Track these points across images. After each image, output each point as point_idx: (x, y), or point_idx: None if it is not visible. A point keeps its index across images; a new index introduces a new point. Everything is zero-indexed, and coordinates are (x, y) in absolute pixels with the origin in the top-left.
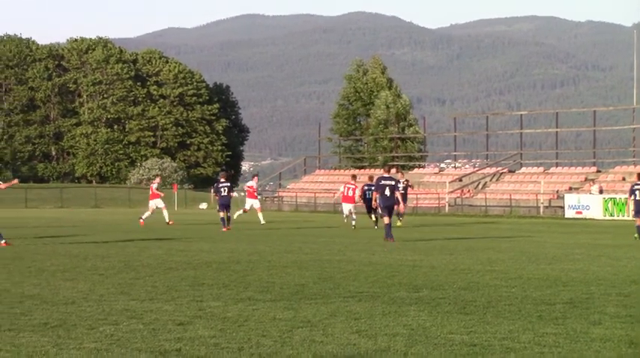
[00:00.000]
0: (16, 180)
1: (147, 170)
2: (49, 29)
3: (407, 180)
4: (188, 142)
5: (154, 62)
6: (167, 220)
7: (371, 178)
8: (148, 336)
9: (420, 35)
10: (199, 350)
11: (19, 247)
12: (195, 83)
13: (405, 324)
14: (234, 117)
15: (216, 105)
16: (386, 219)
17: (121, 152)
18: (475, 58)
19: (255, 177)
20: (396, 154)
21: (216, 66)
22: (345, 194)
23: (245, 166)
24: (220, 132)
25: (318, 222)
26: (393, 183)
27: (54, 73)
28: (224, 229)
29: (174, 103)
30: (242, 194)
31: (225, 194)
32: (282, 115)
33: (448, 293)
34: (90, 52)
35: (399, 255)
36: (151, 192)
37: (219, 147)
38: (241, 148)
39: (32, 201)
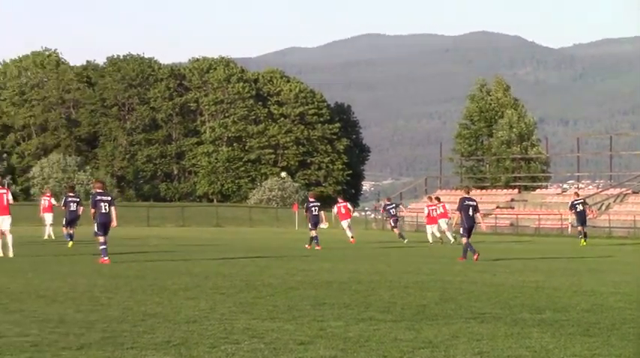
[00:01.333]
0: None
1: (267, 190)
2: (171, 49)
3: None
4: (309, 161)
5: (274, 82)
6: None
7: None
8: (269, 355)
9: (542, 55)
10: None
11: (141, 265)
12: (316, 102)
13: (528, 346)
14: (355, 136)
15: (337, 125)
16: (464, 239)
17: (242, 170)
18: (598, 77)
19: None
20: (518, 175)
21: (337, 85)
22: (431, 215)
23: (366, 186)
24: (341, 151)
25: (439, 242)
26: (475, 203)
27: (175, 93)
28: (317, 248)
29: (295, 122)
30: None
31: (316, 213)
32: (404, 135)
33: (571, 315)
34: (211, 71)
35: (521, 276)
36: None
37: (340, 167)
38: (362, 168)
39: (154, 220)
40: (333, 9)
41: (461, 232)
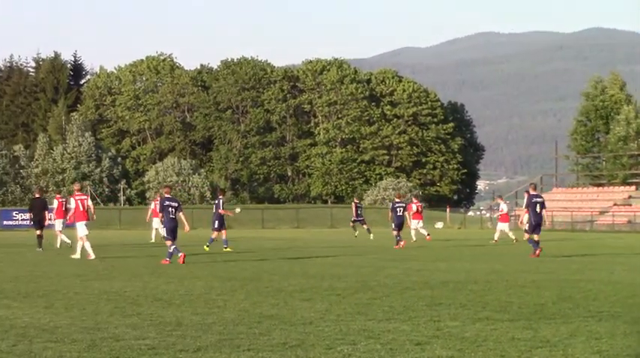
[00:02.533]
0: (237, 209)
1: (381, 190)
2: (284, 51)
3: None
4: (423, 161)
5: (387, 82)
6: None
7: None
8: (386, 356)
9: None
10: None
11: (256, 267)
12: (429, 102)
13: None
14: (469, 135)
15: (451, 124)
16: (535, 236)
17: (356, 171)
18: None
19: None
20: (636, 171)
21: (450, 84)
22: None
23: (481, 185)
24: (456, 150)
25: (555, 240)
26: (542, 200)
27: (289, 95)
28: (396, 247)
29: (409, 123)
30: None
31: (401, 214)
32: (518, 133)
33: None
34: (325, 72)
35: None
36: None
37: (455, 166)
38: (477, 167)
39: (269, 222)
40: (446, 8)
41: (526, 228)
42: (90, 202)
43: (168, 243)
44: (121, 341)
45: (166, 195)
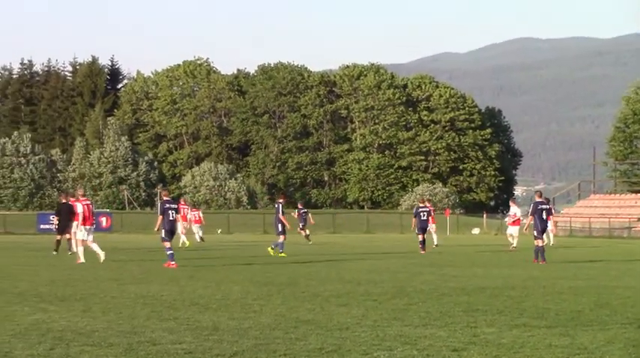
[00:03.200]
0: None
1: (418, 196)
2: (321, 56)
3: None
4: (460, 167)
5: (424, 87)
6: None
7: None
8: None
9: None
10: None
11: (292, 272)
12: (467, 108)
13: None
14: (506, 141)
15: (489, 130)
16: (540, 242)
17: (393, 177)
18: None
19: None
20: None
21: (488, 90)
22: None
23: (518, 191)
24: (493, 157)
25: (592, 247)
26: (548, 207)
27: (326, 100)
28: (422, 252)
29: (446, 128)
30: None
31: (425, 218)
32: (556, 139)
33: None
34: (362, 78)
35: None
36: None
37: (492, 172)
38: (514, 173)
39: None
40: (484, 14)
41: (535, 235)
42: (93, 208)
43: (167, 244)
44: (158, 345)
45: (165, 198)
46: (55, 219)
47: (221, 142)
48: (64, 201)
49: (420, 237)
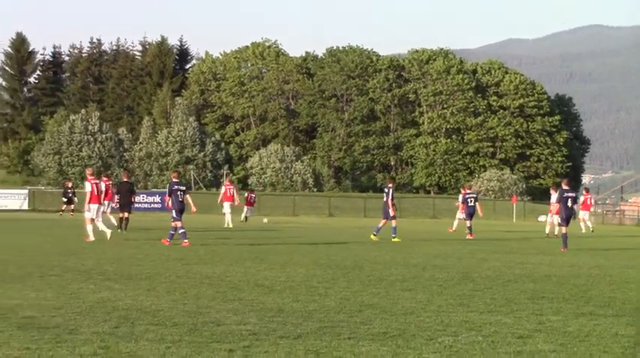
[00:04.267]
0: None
1: (485, 181)
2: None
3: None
4: (528, 154)
5: (493, 73)
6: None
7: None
8: (487, 349)
9: None
10: None
11: (358, 256)
12: (536, 94)
13: None
14: (575, 129)
15: (558, 117)
16: (564, 229)
17: (460, 162)
18: None
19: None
20: None
21: (557, 77)
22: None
23: (585, 179)
24: (561, 143)
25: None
26: (574, 195)
27: (394, 84)
28: (469, 237)
29: (515, 114)
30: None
31: (472, 204)
32: (625, 127)
33: None
34: (430, 62)
35: None
36: None
37: (560, 159)
38: (582, 160)
39: (371, 211)
40: (554, 0)
41: (559, 222)
42: (103, 187)
43: (178, 223)
44: (222, 326)
45: (174, 180)
46: (116, 198)
47: (288, 124)
48: (125, 179)
49: (468, 223)
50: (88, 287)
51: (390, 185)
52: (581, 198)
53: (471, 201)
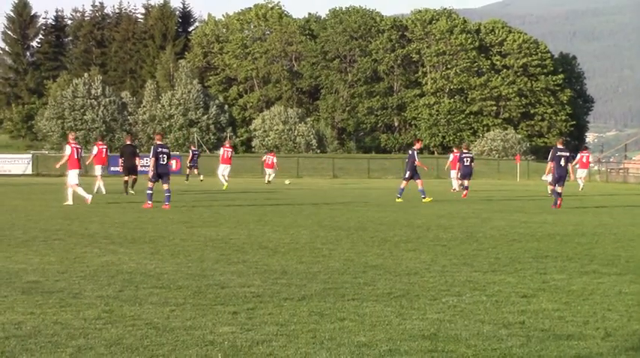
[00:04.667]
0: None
1: (489, 141)
2: (393, 0)
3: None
4: (532, 112)
5: (497, 32)
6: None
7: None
8: (491, 308)
9: None
10: (543, 323)
11: (361, 217)
12: (539, 53)
13: None
14: (579, 87)
15: (561, 76)
16: (559, 188)
17: (464, 122)
18: None
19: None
20: None
21: (561, 36)
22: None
23: (589, 137)
24: (565, 102)
25: None
26: (567, 154)
27: (397, 44)
28: (463, 196)
29: (518, 74)
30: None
31: (468, 164)
32: (629, 85)
33: None
34: (434, 22)
35: None
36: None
37: (564, 118)
38: (586, 119)
39: (374, 172)
40: None
41: (549, 180)
42: (82, 152)
43: (150, 184)
44: (226, 289)
45: (158, 142)
46: (120, 161)
47: (291, 86)
48: (128, 142)
49: (466, 183)
50: (92, 251)
51: (416, 147)
52: (578, 156)
53: (467, 160)
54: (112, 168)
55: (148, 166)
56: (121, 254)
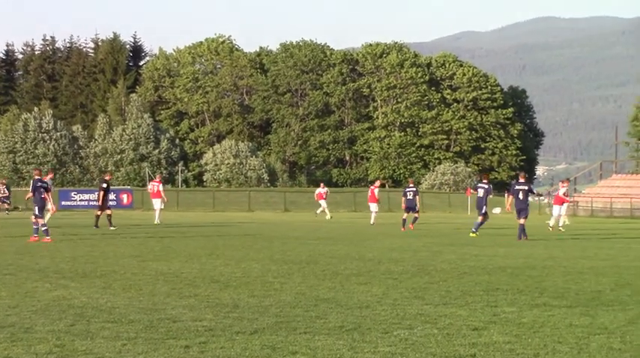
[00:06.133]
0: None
1: (439, 174)
2: (344, 35)
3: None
4: (482, 146)
5: (447, 66)
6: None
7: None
8: (443, 341)
9: None
10: (494, 355)
11: (313, 251)
12: (489, 87)
13: None
14: (528, 121)
15: (511, 109)
16: (521, 220)
17: (414, 155)
18: None
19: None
20: None
21: (511, 69)
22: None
23: (539, 171)
24: (515, 136)
25: (615, 228)
26: (526, 188)
27: (348, 78)
28: (403, 229)
29: (468, 107)
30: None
31: (411, 198)
32: (578, 119)
33: None
34: (384, 56)
35: None
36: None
37: (514, 152)
38: (536, 152)
39: (327, 206)
40: None
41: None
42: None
43: (40, 221)
44: (178, 323)
45: (37, 177)
46: (100, 195)
47: (242, 120)
48: (107, 178)
49: (404, 215)
50: (43, 285)
51: (485, 181)
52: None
53: (410, 194)
54: (63, 203)
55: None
56: (73, 288)
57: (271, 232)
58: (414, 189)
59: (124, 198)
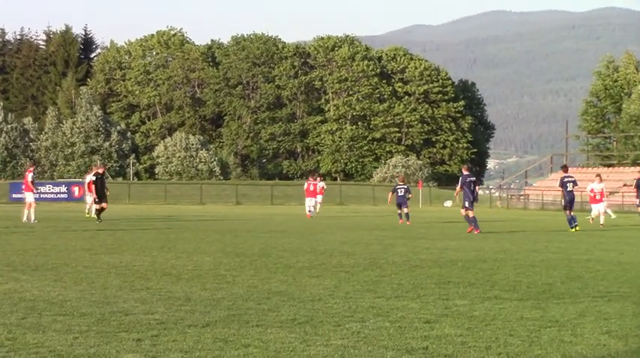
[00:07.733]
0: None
1: (391, 167)
2: (295, 27)
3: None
4: (433, 140)
5: (398, 59)
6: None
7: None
8: (395, 334)
9: None
10: (446, 348)
11: (265, 244)
12: (440, 80)
13: None
14: (479, 114)
15: (462, 103)
16: (470, 213)
17: (366, 148)
18: None
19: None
20: None
21: (461, 63)
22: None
23: (490, 164)
24: (466, 129)
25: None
26: (474, 178)
27: (300, 71)
28: (408, 223)
29: (420, 100)
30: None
31: (402, 194)
32: (529, 113)
33: None
34: (336, 49)
35: None
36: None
37: (465, 145)
38: (487, 146)
39: (278, 198)
40: None
41: (466, 205)
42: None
43: None
44: (130, 316)
45: None
46: (93, 188)
47: (194, 113)
48: (100, 171)
49: (399, 211)
50: None
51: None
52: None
53: (401, 191)
54: (14, 196)
55: (49, 193)
56: (24, 281)
57: (223, 225)
58: (405, 186)
59: (76, 190)
